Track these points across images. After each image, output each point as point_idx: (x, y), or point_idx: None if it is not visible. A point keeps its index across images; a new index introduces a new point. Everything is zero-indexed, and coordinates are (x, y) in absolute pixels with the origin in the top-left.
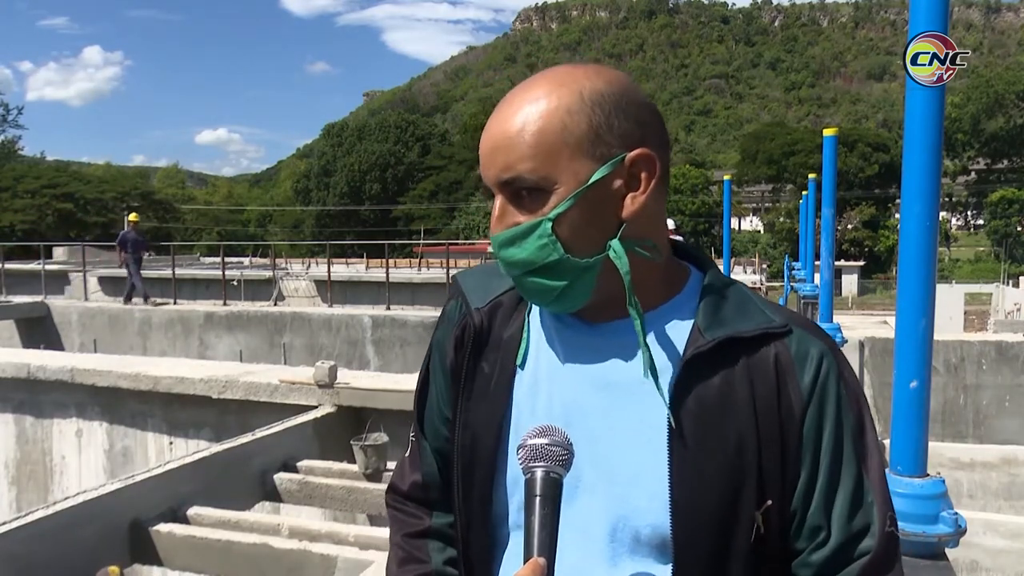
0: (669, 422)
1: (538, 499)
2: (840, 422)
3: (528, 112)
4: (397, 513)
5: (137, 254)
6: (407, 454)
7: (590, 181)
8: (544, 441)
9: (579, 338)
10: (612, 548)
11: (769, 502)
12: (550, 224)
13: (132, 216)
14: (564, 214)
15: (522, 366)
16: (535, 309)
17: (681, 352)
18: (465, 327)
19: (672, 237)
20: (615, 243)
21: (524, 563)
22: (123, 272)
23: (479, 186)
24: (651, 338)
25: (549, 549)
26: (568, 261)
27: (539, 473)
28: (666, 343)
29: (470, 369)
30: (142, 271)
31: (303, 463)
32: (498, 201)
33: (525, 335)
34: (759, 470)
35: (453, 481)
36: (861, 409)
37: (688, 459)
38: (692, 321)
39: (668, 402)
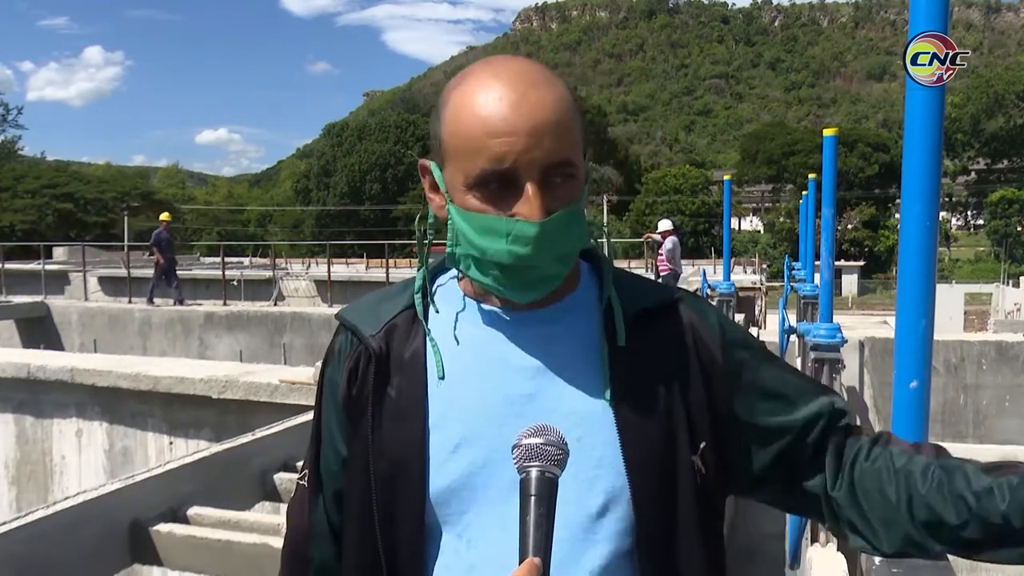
0: (612, 392)
1: (533, 499)
2: (754, 348)
3: (560, 99)
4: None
5: (169, 254)
6: (295, 500)
7: (588, 172)
8: (539, 441)
9: (505, 331)
10: (567, 532)
11: (703, 444)
12: (583, 211)
13: (164, 215)
14: (583, 201)
15: (442, 377)
16: (441, 320)
17: (599, 330)
18: (359, 358)
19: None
20: (602, 226)
21: (520, 563)
22: (123, 272)
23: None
24: (570, 318)
25: (544, 549)
26: (584, 243)
27: (534, 473)
28: (585, 322)
29: (376, 397)
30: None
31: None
32: (533, 188)
33: (434, 348)
34: (688, 419)
35: (350, 523)
36: (748, 331)
37: (632, 425)
38: (599, 303)
39: (608, 375)
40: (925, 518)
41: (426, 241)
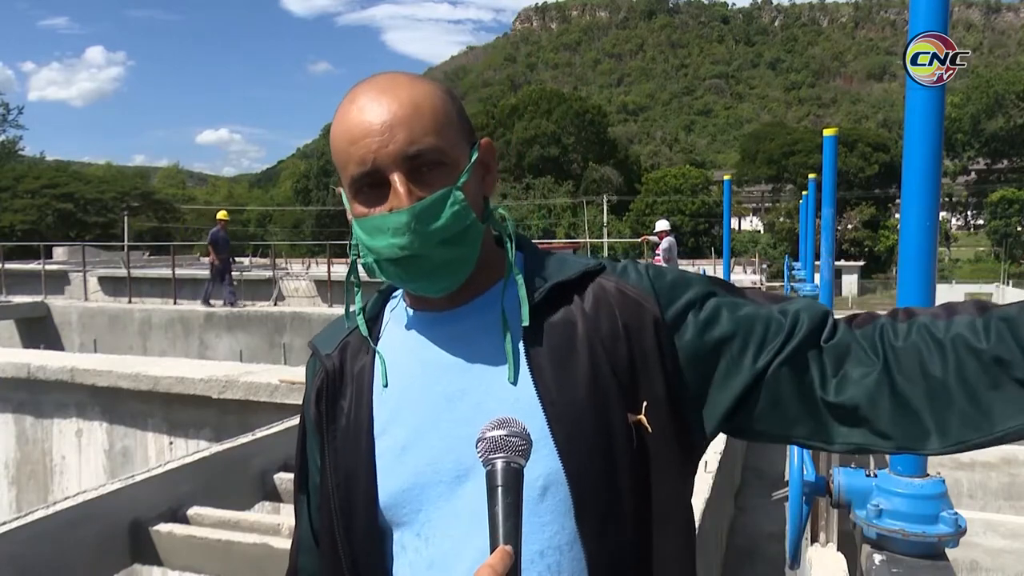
0: (531, 374)
1: (500, 489)
2: (694, 284)
3: (415, 94)
4: None
5: (225, 254)
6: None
7: (473, 157)
8: (502, 432)
9: (439, 331)
10: (527, 508)
11: (645, 402)
12: (460, 192)
13: (221, 214)
14: (465, 184)
15: (385, 385)
16: (388, 332)
17: (517, 315)
18: (324, 377)
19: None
20: (502, 210)
21: (491, 552)
22: (123, 272)
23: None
24: (496, 309)
25: (514, 537)
26: (476, 225)
27: (499, 464)
28: (509, 310)
29: (330, 411)
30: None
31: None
32: (399, 177)
33: (380, 359)
34: (618, 381)
35: (326, 524)
36: (689, 272)
37: (556, 399)
38: (525, 287)
39: (525, 353)
40: (991, 382)
41: (352, 259)
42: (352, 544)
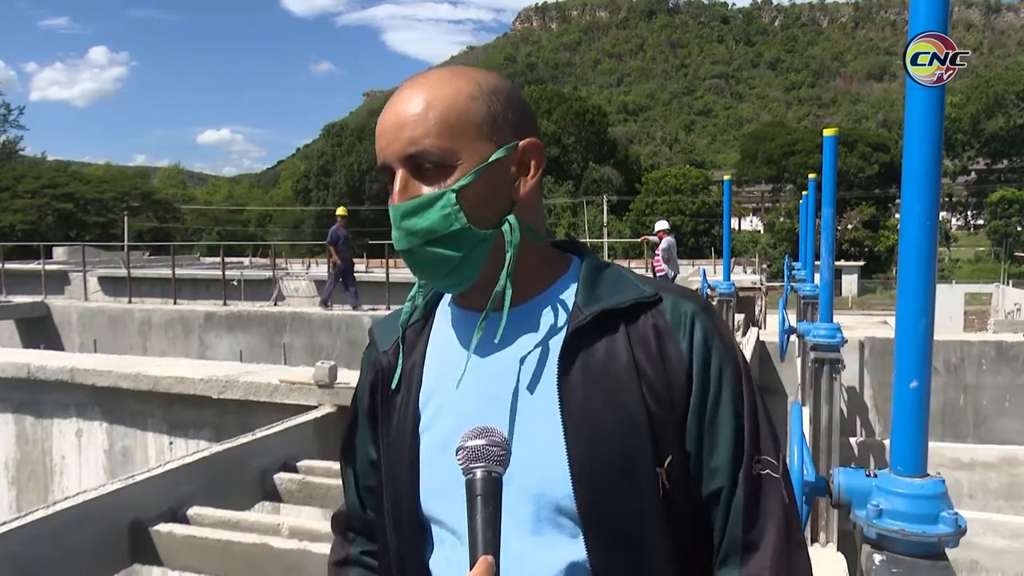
0: (559, 393)
1: (479, 499)
2: (721, 377)
3: (433, 94)
4: (333, 542)
5: (347, 254)
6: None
7: (491, 159)
8: (482, 442)
9: (484, 333)
10: (537, 525)
11: (670, 457)
12: (454, 195)
13: (340, 210)
14: (467, 187)
15: (435, 384)
16: (437, 330)
17: (565, 329)
18: (378, 371)
19: (663, 234)
20: (511, 218)
21: (472, 562)
22: (123, 272)
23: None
24: (540, 318)
25: (494, 546)
26: (469, 231)
27: (479, 474)
28: (552, 322)
29: (386, 408)
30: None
31: (303, 463)
32: (400, 174)
33: (429, 356)
34: (651, 428)
35: (381, 510)
36: (738, 361)
37: (580, 424)
38: (574, 300)
39: (556, 375)
40: None
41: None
42: (398, 535)
